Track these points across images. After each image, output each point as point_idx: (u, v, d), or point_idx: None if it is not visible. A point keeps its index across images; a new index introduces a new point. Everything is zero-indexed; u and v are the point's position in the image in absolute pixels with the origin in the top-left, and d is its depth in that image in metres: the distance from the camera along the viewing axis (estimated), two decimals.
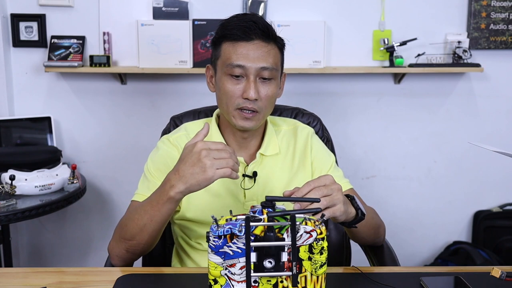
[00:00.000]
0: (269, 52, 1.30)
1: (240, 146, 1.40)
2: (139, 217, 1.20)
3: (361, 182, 2.64)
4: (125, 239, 1.23)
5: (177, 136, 1.41)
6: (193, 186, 1.11)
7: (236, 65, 1.28)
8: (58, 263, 2.65)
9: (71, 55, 2.41)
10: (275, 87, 1.33)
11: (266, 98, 1.31)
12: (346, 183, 1.41)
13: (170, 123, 1.62)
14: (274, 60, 1.31)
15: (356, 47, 2.53)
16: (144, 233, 1.20)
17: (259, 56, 1.28)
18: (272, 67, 1.30)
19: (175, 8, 2.42)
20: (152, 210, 1.18)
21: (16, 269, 1.58)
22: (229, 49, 1.30)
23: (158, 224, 1.19)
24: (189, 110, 1.65)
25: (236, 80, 1.30)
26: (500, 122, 2.65)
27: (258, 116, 1.32)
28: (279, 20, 2.41)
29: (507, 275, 1.12)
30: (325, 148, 1.50)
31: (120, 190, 2.61)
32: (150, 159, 1.39)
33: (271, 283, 0.96)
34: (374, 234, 1.36)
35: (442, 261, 2.63)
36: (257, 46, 1.29)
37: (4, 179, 2.04)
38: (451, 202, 2.71)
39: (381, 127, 2.64)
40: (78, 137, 2.57)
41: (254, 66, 1.28)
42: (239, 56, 1.28)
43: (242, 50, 1.28)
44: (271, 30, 1.31)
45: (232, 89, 1.30)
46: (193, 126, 1.45)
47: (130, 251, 1.24)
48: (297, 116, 1.63)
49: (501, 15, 2.53)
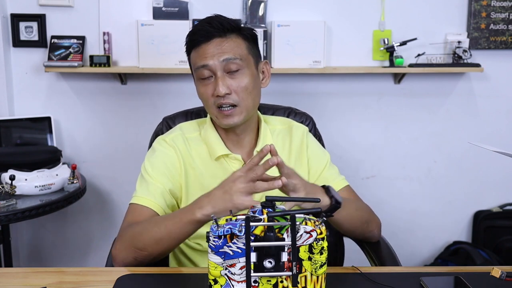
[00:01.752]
0: (229, 45, 1.31)
1: (235, 144, 1.41)
2: (157, 230, 1.19)
3: (361, 182, 2.64)
4: (136, 248, 1.21)
5: (173, 136, 1.41)
6: (220, 211, 1.11)
7: (201, 66, 1.31)
8: (58, 263, 2.65)
9: (71, 55, 2.41)
10: (248, 77, 1.32)
11: (240, 90, 1.31)
12: (342, 180, 1.42)
13: (163, 124, 1.62)
14: (238, 50, 1.31)
15: (356, 47, 2.53)
16: (159, 247, 1.19)
17: (219, 51, 1.30)
18: (235, 57, 1.30)
19: (175, 8, 2.42)
20: (173, 226, 1.17)
21: (16, 269, 1.58)
22: (194, 55, 1.34)
23: (174, 241, 1.19)
24: (181, 111, 1.65)
25: (207, 81, 1.32)
26: (500, 122, 2.65)
27: (239, 109, 1.32)
28: (279, 20, 2.41)
29: (507, 275, 1.12)
30: (320, 146, 1.51)
31: (120, 190, 2.61)
32: (148, 161, 1.38)
33: (271, 283, 0.96)
34: (361, 228, 1.36)
35: (442, 261, 2.63)
36: (216, 43, 1.31)
37: (4, 179, 2.03)
38: (451, 202, 2.71)
39: (381, 127, 2.64)
40: (78, 137, 2.57)
41: (217, 61, 1.30)
42: (201, 57, 1.31)
43: (203, 51, 1.31)
44: (227, 24, 1.32)
45: (204, 90, 1.33)
46: (188, 126, 1.46)
47: (139, 260, 1.22)
48: (289, 115, 1.65)
49: (501, 15, 2.53)
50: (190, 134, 1.43)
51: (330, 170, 1.43)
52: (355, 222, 1.32)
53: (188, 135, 1.42)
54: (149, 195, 1.31)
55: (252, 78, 1.33)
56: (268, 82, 1.42)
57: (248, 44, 1.35)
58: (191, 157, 1.38)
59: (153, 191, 1.31)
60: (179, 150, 1.38)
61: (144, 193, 1.32)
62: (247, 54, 1.34)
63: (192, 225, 1.16)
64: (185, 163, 1.37)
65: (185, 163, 1.37)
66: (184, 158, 1.38)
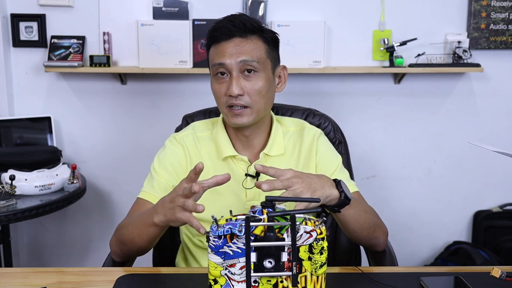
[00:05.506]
0: (249, 46, 1.31)
1: (243, 145, 1.41)
2: (132, 229, 1.24)
3: (361, 182, 2.64)
4: (120, 242, 1.27)
5: (183, 134, 1.43)
6: (169, 221, 1.12)
7: (217, 64, 1.31)
8: (58, 263, 2.65)
9: (71, 55, 2.41)
10: (263, 80, 1.32)
11: (253, 92, 1.31)
12: (352, 186, 1.39)
13: (182, 122, 1.63)
14: (256, 52, 1.31)
15: (356, 47, 2.53)
16: (134, 244, 1.24)
17: (238, 51, 1.30)
18: (253, 59, 1.30)
19: (175, 8, 2.42)
20: (140, 228, 1.21)
21: (16, 269, 1.58)
22: (213, 51, 1.34)
23: (144, 241, 1.22)
24: (201, 110, 1.66)
25: (221, 79, 1.32)
26: (500, 122, 2.65)
27: (250, 111, 1.31)
28: (279, 20, 2.41)
29: (507, 275, 1.12)
30: (332, 149, 1.48)
31: (120, 190, 2.61)
32: (157, 157, 1.41)
33: (271, 283, 0.96)
34: (368, 231, 1.32)
35: (442, 261, 2.63)
36: (236, 42, 1.31)
37: (4, 179, 2.04)
38: (451, 202, 2.71)
39: (381, 127, 2.64)
40: (78, 137, 2.57)
41: (234, 62, 1.29)
42: (220, 55, 1.31)
43: (223, 49, 1.31)
44: (249, 25, 1.31)
45: (218, 88, 1.33)
46: (201, 125, 1.47)
47: (124, 252, 1.29)
48: (308, 117, 1.61)
49: (501, 15, 2.53)
50: (201, 133, 1.43)
51: (340, 175, 1.39)
52: (361, 223, 1.29)
53: (200, 134, 1.43)
54: (152, 190, 1.34)
55: (267, 82, 1.33)
56: (283, 87, 1.41)
57: (267, 48, 1.34)
58: (200, 156, 1.39)
59: (156, 186, 1.34)
60: (187, 149, 1.39)
61: (148, 188, 1.35)
62: (265, 57, 1.33)
63: (154, 228, 1.17)
64: (192, 162, 1.38)
65: (192, 162, 1.38)
66: (192, 157, 1.39)
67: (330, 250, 1.54)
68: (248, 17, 1.34)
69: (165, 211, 1.12)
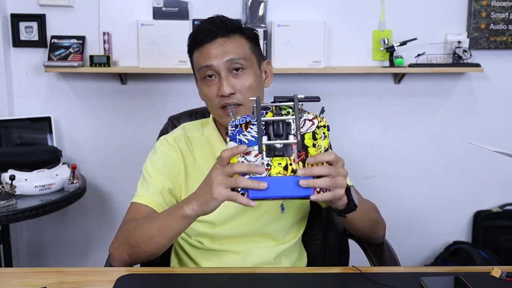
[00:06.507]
0: (233, 44, 1.31)
1: None
2: (149, 226, 1.19)
3: (361, 182, 2.64)
4: (130, 245, 1.22)
5: (175, 136, 1.42)
6: (203, 205, 1.10)
7: (204, 66, 1.31)
8: (58, 263, 2.65)
9: (71, 55, 2.41)
10: (252, 76, 1.32)
11: (244, 89, 1.31)
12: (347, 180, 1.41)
13: (168, 123, 1.62)
14: (241, 50, 1.32)
15: (356, 47, 2.53)
16: (151, 243, 1.19)
17: (223, 51, 1.30)
18: (239, 57, 1.30)
19: (175, 8, 2.42)
20: (163, 223, 1.18)
21: (16, 269, 1.58)
22: (197, 56, 1.34)
23: (166, 238, 1.19)
24: (186, 111, 1.65)
25: (210, 81, 1.32)
26: (500, 122, 2.65)
27: (244, 108, 1.32)
28: (279, 20, 2.41)
29: (507, 275, 1.12)
30: None
31: (120, 190, 2.61)
32: (149, 160, 1.39)
33: (281, 165, 1.05)
34: (371, 227, 1.36)
35: (442, 261, 2.63)
36: (220, 43, 1.31)
37: (4, 179, 2.03)
38: (451, 202, 2.71)
39: (381, 127, 2.64)
40: (78, 137, 2.57)
41: (221, 62, 1.29)
42: (205, 57, 1.31)
43: (207, 51, 1.31)
44: (230, 25, 1.32)
45: (208, 91, 1.32)
46: (191, 127, 1.46)
47: (133, 257, 1.23)
48: None
49: (501, 15, 2.53)
50: (192, 133, 1.43)
51: None
52: (366, 221, 1.32)
53: (191, 135, 1.42)
54: (148, 194, 1.32)
55: (255, 78, 1.34)
56: (270, 81, 1.43)
57: (250, 44, 1.36)
58: (192, 157, 1.39)
59: (152, 189, 1.32)
60: (180, 150, 1.38)
61: (143, 192, 1.33)
62: (250, 54, 1.34)
63: (182, 221, 1.15)
64: (185, 163, 1.37)
65: (185, 163, 1.37)
66: (185, 158, 1.38)
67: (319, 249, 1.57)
68: (227, 18, 1.35)
69: (198, 196, 1.11)
